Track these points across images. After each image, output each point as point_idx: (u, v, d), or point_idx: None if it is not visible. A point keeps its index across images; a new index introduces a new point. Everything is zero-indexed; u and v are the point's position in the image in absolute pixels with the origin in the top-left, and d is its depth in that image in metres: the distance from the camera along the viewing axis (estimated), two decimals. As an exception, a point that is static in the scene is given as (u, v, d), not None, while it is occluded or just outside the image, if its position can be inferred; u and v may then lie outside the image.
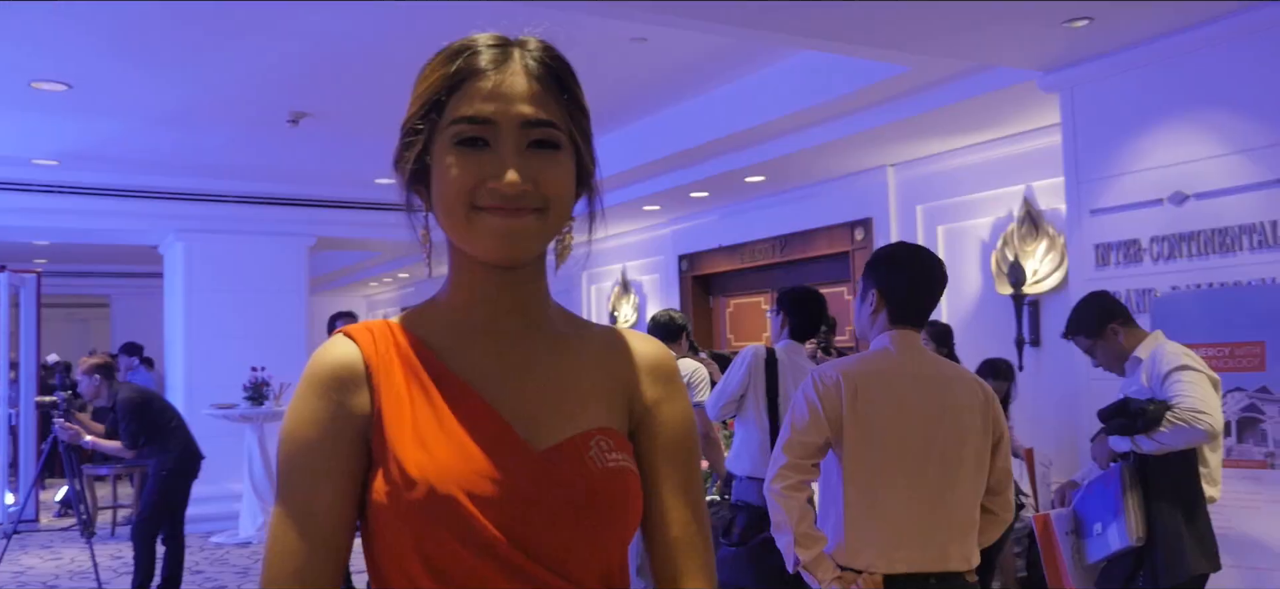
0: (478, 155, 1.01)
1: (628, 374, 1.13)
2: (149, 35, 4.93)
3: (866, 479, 2.37)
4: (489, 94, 1.01)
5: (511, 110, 1.01)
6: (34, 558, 7.81)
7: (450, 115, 1.02)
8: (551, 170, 1.03)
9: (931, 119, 5.61)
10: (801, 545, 2.37)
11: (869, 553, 2.35)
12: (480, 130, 1.01)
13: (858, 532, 2.36)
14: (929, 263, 2.52)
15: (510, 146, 1.01)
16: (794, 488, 2.40)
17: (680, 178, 7.33)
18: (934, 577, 2.34)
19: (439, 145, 1.03)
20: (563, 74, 1.06)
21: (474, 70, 1.02)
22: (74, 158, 7.43)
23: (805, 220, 7.61)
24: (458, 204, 1.02)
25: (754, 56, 5.57)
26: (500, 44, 1.04)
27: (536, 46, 1.06)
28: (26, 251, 11.68)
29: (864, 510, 2.36)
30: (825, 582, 2.35)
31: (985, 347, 6.18)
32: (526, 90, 1.02)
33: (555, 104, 1.04)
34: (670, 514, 1.11)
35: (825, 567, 2.35)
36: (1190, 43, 4.21)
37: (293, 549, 0.99)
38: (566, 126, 1.05)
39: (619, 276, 9.99)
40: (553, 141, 1.03)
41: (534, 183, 1.01)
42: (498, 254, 1.04)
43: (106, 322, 15.69)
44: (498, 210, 1.01)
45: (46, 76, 5.47)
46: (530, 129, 1.02)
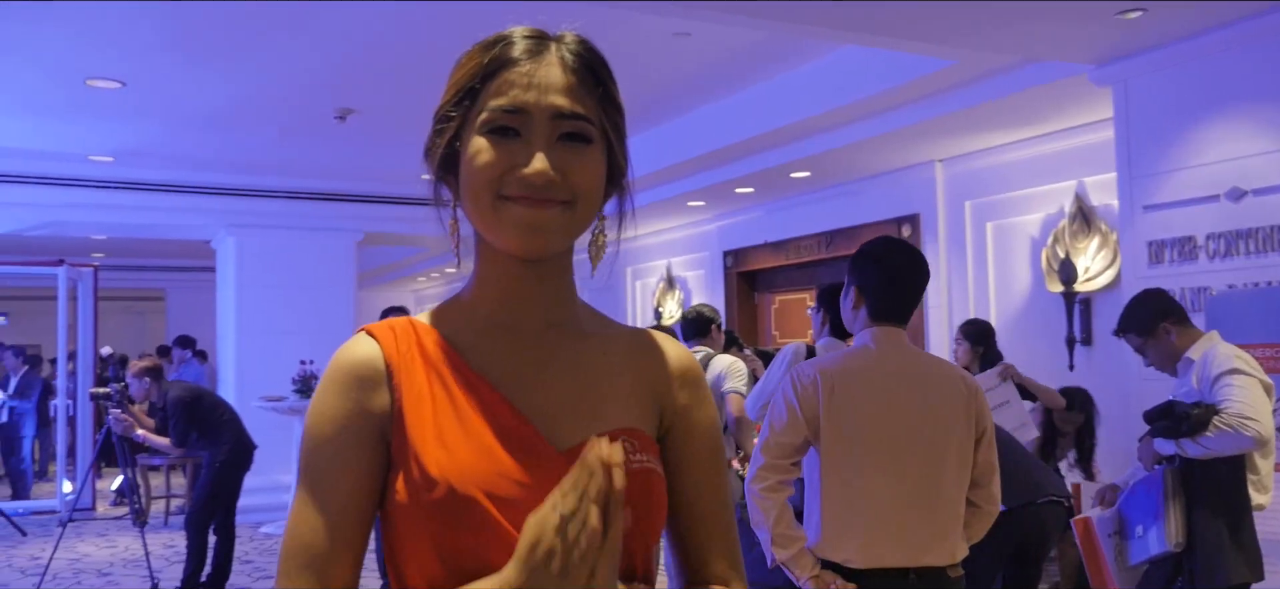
0: (508, 144, 1.00)
1: (657, 377, 1.12)
2: (199, 34, 5.00)
3: (845, 475, 2.39)
4: (523, 83, 1.01)
5: (544, 100, 1.01)
6: (89, 545, 7.99)
7: (483, 103, 1.02)
8: (581, 164, 1.02)
9: (980, 113, 5.52)
10: (779, 544, 2.40)
11: (848, 548, 2.37)
12: (512, 119, 1.00)
13: (837, 527, 2.38)
14: (907, 259, 2.52)
15: (541, 137, 1.00)
16: (772, 489, 2.42)
17: (725, 173, 7.30)
18: (913, 572, 2.36)
19: (470, 132, 1.03)
20: (598, 69, 1.05)
21: (509, 60, 1.02)
22: (129, 154, 7.58)
23: (851, 216, 7.54)
24: (484, 191, 1.01)
25: (798, 51, 5.52)
26: (537, 36, 1.04)
27: (573, 40, 1.05)
28: (85, 245, 11.93)
29: (843, 506, 2.38)
30: (803, 578, 2.37)
31: (1034, 345, 6.09)
32: (561, 82, 1.02)
33: (589, 98, 1.03)
34: (701, 518, 1.11)
35: (803, 563, 2.38)
36: (1248, 33, 4.09)
37: (307, 544, 0.98)
38: (599, 121, 1.04)
39: (664, 272, 9.97)
40: (584, 135, 1.02)
41: (562, 175, 1.00)
42: (522, 245, 1.02)
43: (162, 315, 16.02)
44: (524, 200, 1.00)
45: (101, 74, 5.58)
46: (562, 121, 1.01)
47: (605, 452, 0.88)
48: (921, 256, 2.57)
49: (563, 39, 1.05)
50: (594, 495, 0.87)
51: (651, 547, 1.05)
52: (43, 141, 7.11)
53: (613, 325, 1.16)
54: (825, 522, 2.40)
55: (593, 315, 1.15)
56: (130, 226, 9.37)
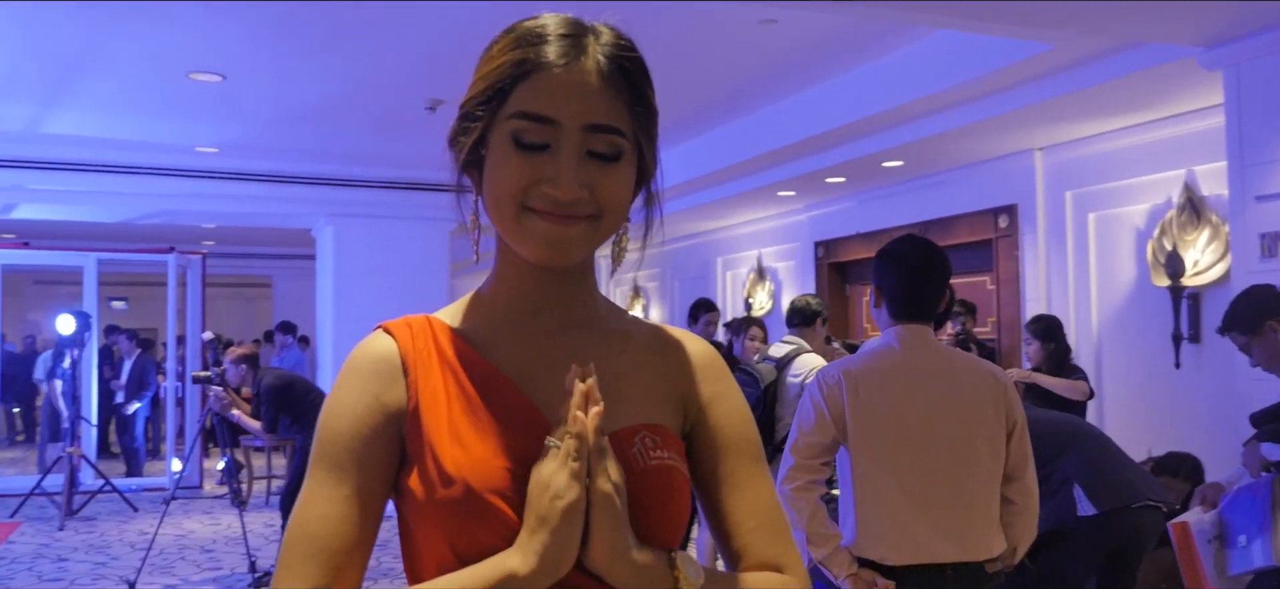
0: (535, 157, 0.97)
1: (680, 373, 1.10)
2: (293, 29, 5.12)
3: (874, 473, 2.42)
4: (554, 92, 0.97)
5: (576, 113, 0.97)
6: (195, 522, 8.31)
7: (512, 107, 0.98)
8: (610, 180, 0.99)
9: (1082, 99, 5.30)
10: (815, 543, 2.43)
11: (883, 546, 2.40)
12: (541, 132, 0.97)
13: (871, 525, 2.42)
14: (924, 258, 2.54)
15: (570, 151, 0.97)
16: (803, 489, 2.46)
17: (815, 163, 7.17)
18: (950, 567, 2.38)
19: (497, 136, 0.99)
20: (634, 74, 1.01)
21: (542, 63, 0.97)
22: (232, 145, 7.83)
23: (945, 207, 7.34)
24: (509, 202, 0.99)
25: (889, 37, 5.38)
26: (572, 35, 0.99)
27: (609, 40, 1.00)
28: (196, 234, 12.42)
29: (876, 504, 2.41)
30: (841, 577, 2.40)
31: (1138, 342, 5.84)
32: (594, 92, 0.97)
33: (623, 108, 0.99)
34: (742, 506, 1.07)
35: (840, 562, 2.41)
36: (1374, 12, 3.83)
37: (314, 534, 0.97)
38: (632, 131, 1.00)
39: (754, 263, 9.88)
40: (615, 150, 0.99)
41: (590, 191, 0.98)
42: (544, 258, 1.01)
43: (269, 301, 16.56)
44: (549, 216, 0.98)
45: (202, 68, 5.77)
46: (594, 135, 0.97)
47: (577, 368, 0.95)
48: (941, 254, 2.59)
49: (599, 36, 1.00)
50: (576, 402, 0.93)
51: (673, 545, 1.02)
52: (151, 134, 7.39)
53: (633, 322, 1.14)
54: (860, 520, 2.43)
55: (614, 311, 1.14)
56: (236, 215, 9.70)
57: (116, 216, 9.98)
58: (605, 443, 0.94)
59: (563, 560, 0.93)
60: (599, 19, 1.05)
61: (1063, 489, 3.60)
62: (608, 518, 0.93)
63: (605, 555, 0.94)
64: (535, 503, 0.93)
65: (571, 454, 0.93)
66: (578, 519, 0.93)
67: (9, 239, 11.51)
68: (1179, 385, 5.59)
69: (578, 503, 0.93)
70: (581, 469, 0.93)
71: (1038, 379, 5.21)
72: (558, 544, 0.92)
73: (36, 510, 8.82)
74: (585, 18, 1.04)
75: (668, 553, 1.00)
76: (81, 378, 9.58)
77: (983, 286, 7.13)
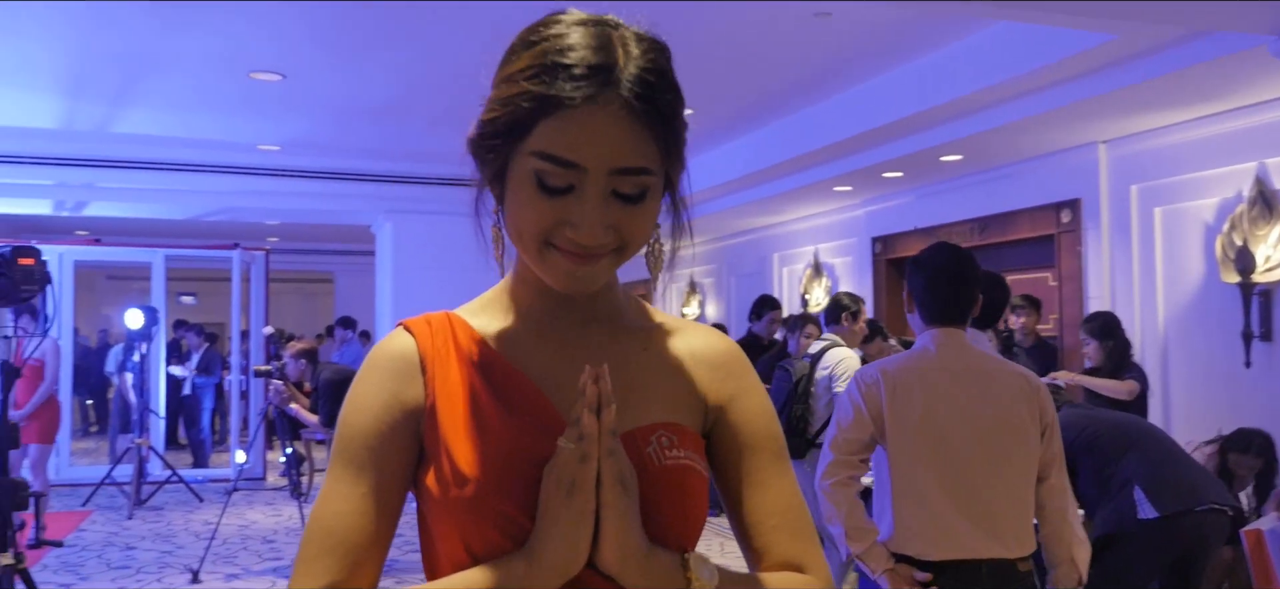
0: (558, 200, 0.93)
1: (700, 370, 1.09)
2: (352, 27, 5.19)
3: (911, 471, 2.49)
4: (579, 134, 0.91)
5: (602, 157, 0.92)
6: (257, 513, 8.48)
7: (535, 144, 0.92)
8: (636, 218, 0.96)
9: (1148, 90, 5.15)
10: (853, 538, 2.51)
11: (918, 542, 2.47)
12: (565, 175, 0.92)
13: (908, 521, 2.49)
14: (950, 264, 2.62)
15: (595, 196, 0.93)
16: (842, 484, 2.55)
17: (871, 157, 7.08)
18: (985, 564, 2.44)
19: (518, 169, 0.94)
20: (663, 100, 0.94)
21: (566, 100, 0.91)
22: (293, 143, 7.97)
23: (1006, 202, 7.19)
24: (530, 239, 0.97)
25: (947, 28, 5.29)
26: (598, 66, 0.91)
27: (638, 62, 0.93)
28: (259, 230, 12.66)
29: (912, 501, 2.49)
30: (878, 571, 2.48)
31: (1206, 340, 5.68)
32: (621, 133, 0.91)
33: (651, 142, 0.93)
34: (764, 505, 1.06)
35: (877, 556, 2.49)
36: None
37: (330, 529, 0.98)
38: (660, 165, 0.95)
39: (811, 259, 9.79)
40: (641, 189, 0.94)
41: (615, 230, 0.95)
42: (566, 288, 0.99)
43: (331, 296, 16.85)
44: (571, 255, 0.96)
45: (262, 67, 5.87)
46: (619, 177, 0.93)
47: (591, 368, 0.92)
48: (970, 260, 2.68)
49: (628, 54, 0.93)
50: (588, 403, 0.92)
51: (689, 546, 1.01)
52: (215, 133, 7.55)
53: (656, 318, 1.13)
54: (897, 516, 2.51)
55: (638, 309, 1.13)
56: (298, 212, 9.87)
57: (183, 214, 10.22)
58: (616, 444, 0.93)
59: (572, 562, 0.93)
60: (631, 20, 1.00)
61: (1124, 491, 3.51)
62: (618, 519, 0.93)
63: (616, 556, 0.93)
64: (546, 504, 0.93)
65: (582, 456, 0.92)
66: (587, 521, 0.92)
67: (82, 236, 11.85)
68: (1249, 385, 5.42)
69: (587, 505, 0.92)
70: (592, 471, 0.92)
71: (1081, 380, 5.09)
72: (567, 545, 0.92)
73: (107, 499, 9.07)
74: (615, 15, 0.99)
75: (681, 553, 0.98)
76: (150, 371, 9.83)
77: (1044, 283, 6.99)
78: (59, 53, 5.67)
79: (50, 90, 6.40)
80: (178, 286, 15.73)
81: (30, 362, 6.54)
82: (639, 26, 0.99)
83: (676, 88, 0.97)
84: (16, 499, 3.65)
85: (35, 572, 6.26)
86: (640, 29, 0.98)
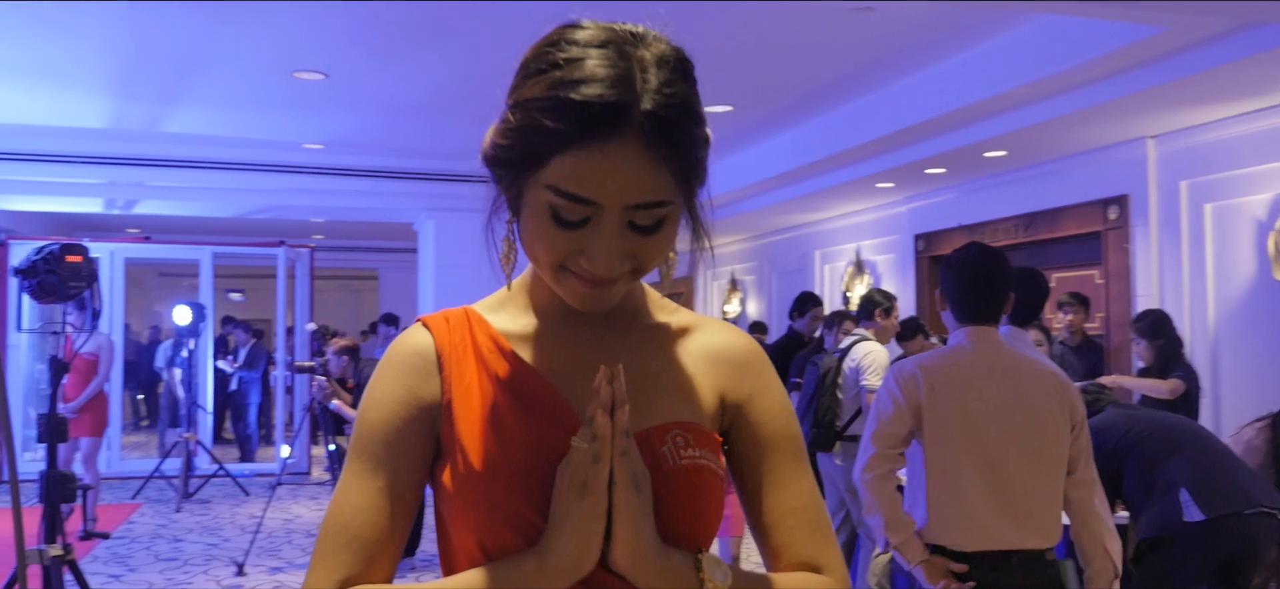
0: (573, 232, 0.92)
1: (718, 368, 1.08)
2: (394, 26, 5.23)
3: (947, 465, 2.57)
4: (595, 171, 0.88)
5: (618, 194, 0.89)
6: (302, 507, 8.59)
7: (549, 178, 0.89)
8: (652, 246, 0.94)
9: (1198, 84, 5.04)
10: (892, 529, 2.59)
11: (951, 533, 2.55)
12: (581, 210, 0.90)
13: (942, 513, 2.57)
14: (981, 262, 2.70)
15: (611, 230, 0.91)
16: (883, 477, 2.62)
17: (914, 154, 7.00)
18: (1016, 554, 2.53)
19: (533, 197, 0.92)
20: (682, 126, 0.90)
21: (581, 138, 0.87)
22: (337, 142, 8.06)
23: (1051, 198, 7.08)
24: (546, 265, 0.96)
25: (991, 23, 5.21)
26: (613, 105, 0.87)
27: (656, 94, 0.88)
28: (305, 228, 12.83)
29: (947, 493, 2.57)
30: (914, 562, 2.56)
31: (1258, 340, 5.55)
32: (638, 170, 0.88)
33: (669, 174, 0.90)
34: (781, 504, 1.05)
35: (914, 548, 2.57)
36: None
37: (347, 524, 0.98)
38: (678, 193, 0.93)
39: (853, 256, 9.72)
40: (659, 220, 0.93)
41: (631, 257, 0.94)
42: (581, 308, 0.99)
43: (375, 293, 17.02)
44: (587, 281, 0.95)
45: (306, 67, 5.94)
46: (636, 210, 0.91)
47: (606, 368, 0.92)
48: (1000, 257, 2.75)
49: (646, 85, 0.89)
50: (602, 403, 0.91)
51: (704, 546, 1.00)
52: (259, 131, 7.66)
53: (677, 314, 1.12)
54: (930, 509, 2.59)
55: (659, 305, 1.11)
56: (342, 210, 9.99)
57: (230, 212, 10.38)
58: (629, 444, 0.93)
59: (583, 562, 0.92)
60: (654, 22, 0.97)
61: (1169, 493, 3.43)
62: (630, 519, 0.92)
63: (628, 556, 0.93)
64: (558, 503, 0.93)
65: (595, 456, 0.91)
66: (598, 521, 0.92)
67: (132, 234, 12.08)
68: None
69: (599, 505, 0.92)
70: (604, 471, 0.91)
71: (1124, 382, 4.99)
72: (578, 546, 0.92)
73: (156, 492, 9.25)
74: (636, 25, 0.95)
75: (695, 554, 0.98)
76: (197, 366, 9.99)
77: (1091, 281, 6.87)
78: (108, 53, 5.78)
79: (100, 90, 6.52)
80: (226, 283, 15.99)
81: (80, 357, 6.67)
82: (661, 36, 0.95)
83: (696, 113, 0.93)
84: (65, 492, 3.72)
85: (86, 562, 6.40)
86: (662, 44, 0.94)
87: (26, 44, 5.56)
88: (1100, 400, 3.98)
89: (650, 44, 0.93)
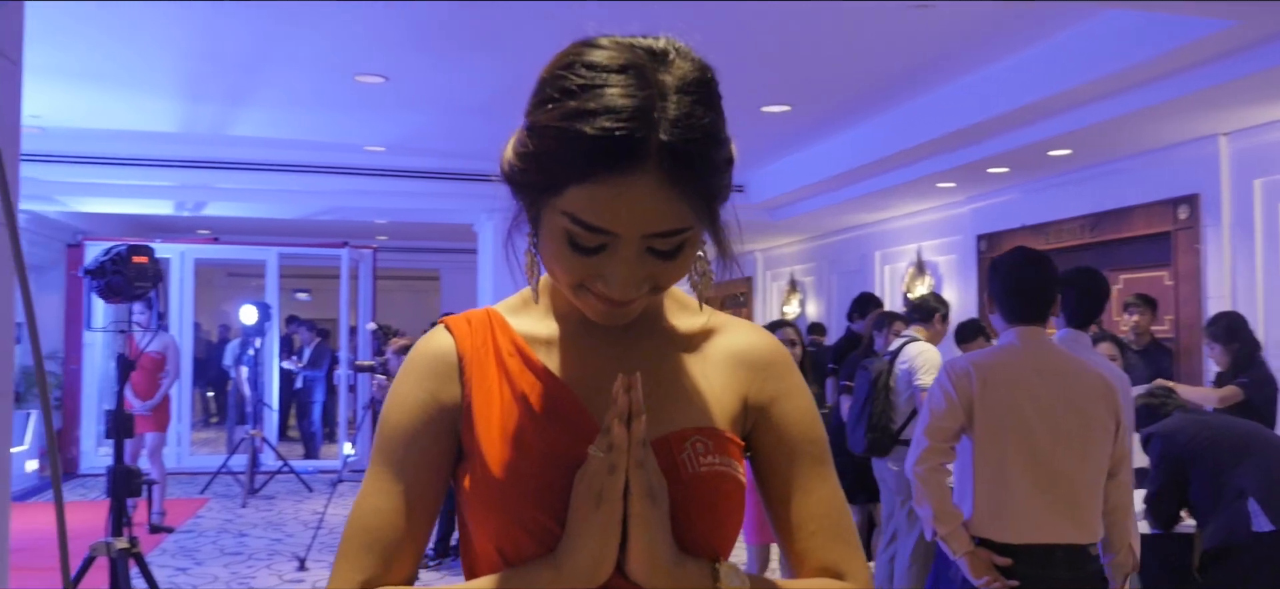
0: (589, 258, 0.91)
1: (740, 371, 1.06)
2: (452, 29, 5.28)
3: (996, 459, 2.65)
4: (611, 203, 0.86)
5: (635, 224, 0.87)
6: (363, 505, 8.71)
7: (566, 205, 0.88)
8: (670, 270, 0.93)
9: (1273, 79, 4.87)
10: (940, 520, 2.68)
11: (998, 526, 2.64)
12: (597, 238, 0.89)
13: (989, 507, 2.65)
14: (1027, 266, 2.80)
15: (629, 257, 0.90)
16: (935, 470, 2.71)
17: (976, 152, 6.88)
18: (1061, 548, 2.61)
19: (550, 221, 0.91)
20: (702, 158, 0.87)
21: (597, 169, 0.85)
22: (397, 144, 8.17)
23: (1118, 197, 6.91)
24: (564, 284, 0.96)
25: (1054, 17, 5.09)
26: (628, 138, 0.84)
27: (675, 123, 0.85)
28: (368, 229, 13.02)
29: (994, 487, 2.65)
30: (960, 553, 2.65)
31: (1337, 342, 5.34)
32: (656, 200, 0.86)
33: (687, 202, 0.88)
34: (804, 509, 1.03)
35: (961, 539, 2.66)
36: None
37: (370, 526, 0.99)
38: (697, 218, 0.90)
39: (914, 257, 9.59)
40: (677, 246, 0.91)
41: (650, 280, 0.93)
42: (601, 322, 0.99)
43: (437, 293, 17.22)
44: (605, 301, 0.94)
45: (366, 70, 6.02)
46: (654, 238, 0.89)
47: (623, 377, 0.91)
48: (1046, 261, 2.85)
49: (664, 113, 0.85)
50: (618, 412, 0.90)
51: (723, 556, 0.99)
52: (322, 134, 7.79)
53: (701, 315, 1.10)
54: (978, 502, 2.67)
55: (681, 304, 1.10)
56: (403, 211, 10.12)
57: (295, 213, 10.58)
58: (646, 454, 0.92)
59: (598, 571, 0.92)
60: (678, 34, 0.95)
61: (1238, 502, 3.32)
62: (645, 529, 0.91)
63: (643, 565, 0.92)
64: (574, 512, 0.93)
65: (610, 466, 0.90)
66: (614, 531, 0.91)
67: (203, 235, 12.38)
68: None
69: (614, 515, 0.91)
70: (619, 481, 0.91)
71: (1176, 390, 4.81)
72: (593, 555, 0.91)
73: (223, 488, 9.46)
74: (659, 39, 0.93)
75: (712, 562, 0.97)
76: (263, 365, 10.20)
77: (1160, 282, 6.69)
78: (176, 57, 5.92)
79: (169, 94, 6.69)
80: (293, 283, 16.31)
81: (146, 355, 6.85)
82: (685, 50, 0.92)
83: (717, 137, 0.89)
84: (131, 486, 3.82)
85: (155, 555, 6.57)
86: (685, 63, 0.90)
87: (99, 51, 5.72)
88: (1167, 404, 3.87)
89: (672, 66, 0.89)
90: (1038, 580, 2.60)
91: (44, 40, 5.39)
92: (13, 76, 2.40)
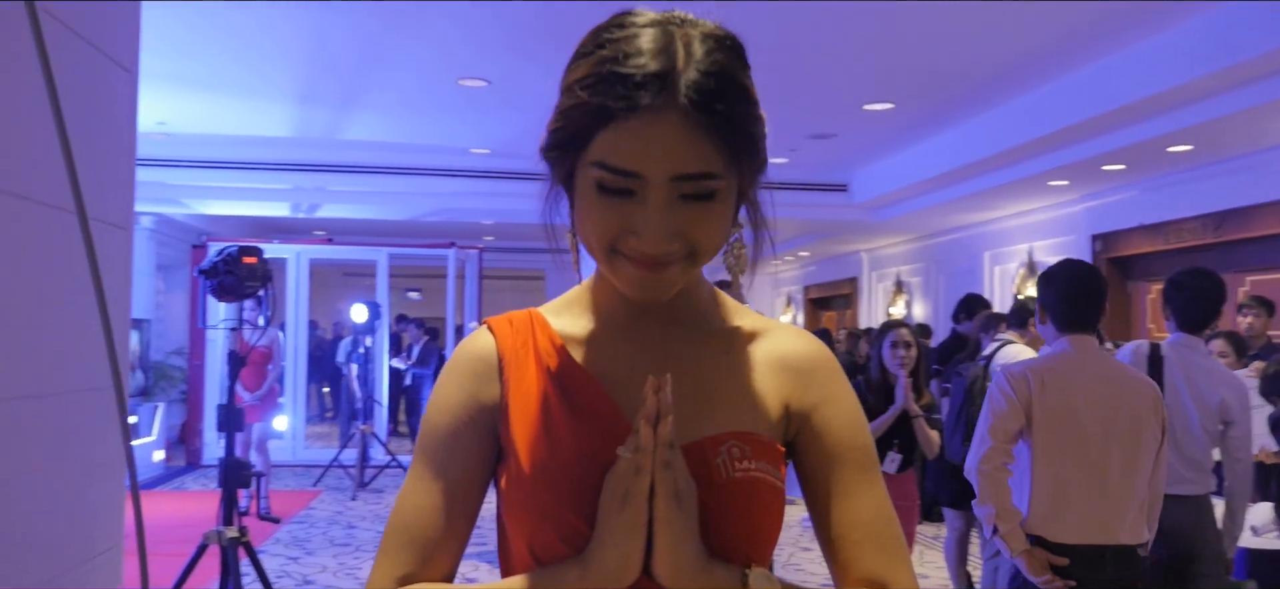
0: (620, 204, 0.91)
1: (782, 376, 1.04)
2: (550, 31, 5.34)
3: (1054, 461, 2.74)
4: (636, 143, 0.88)
5: (662, 165, 0.88)
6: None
7: (594, 155, 0.90)
8: (703, 221, 0.92)
9: None
10: (1001, 518, 2.76)
11: (1052, 525, 2.73)
12: (625, 182, 0.90)
13: (1045, 507, 2.75)
14: (1078, 277, 2.89)
15: (657, 202, 0.90)
16: (998, 469, 2.78)
17: (1090, 148, 6.63)
18: (1111, 549, 2.71)
19: (582, 179, 0.93)
20: (725, 102, 0.89)
21: (621, 111, 0.88)
22: (502, 147, 8.31)
23: (1244, 195, 6.57)
24: (597, 248, 0.95)
25: (1173, 8, 4.88)
26: (653, 75, 0.87)
27: (700, 62, 0.89)
28: (476, 230, 13.28)
29: (1052, 488, 2.74)
30: (1017, 551, 2.73)
31: None
32: (681, 140, 0.88)
33: (714, 147, 0.89)
34: (847, 518, 1.00)
35: (1019, 538, 2.74)
36: None
37: (410, 524, 1.00)
38: (726, 166, 0.91)
39: (1025, 257, 9.30)
40: (707, 191, 0.91)
41: (682, 236, 0.92)
42: (638, 297, 0.97)
43: (542, 293, 17.48)
44: (639, 263, 0.93)
45: (469, 74, 6.15)
46: (682, 182, 0.90)
47: (653, 379, 0.90)
48: (1095, 272, 2.96)
49: (690, 56, 0.89)
50: (647, 414, 0.90)
51: (759, 563, 0.97)
52: (429, 137, 7.98)
53: (746, 318, 1.08)
54: (1034, 502, 2.76)
55: (724, 309, 1.08)
56: (508, 212, 10.30)
57: (404, 214, 10.86)
58: (673, 456, 0.90)
59: (624, 574, 0.91)
60: (707, 14, 0.96)
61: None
62: (670, 533, 0.90)
63: (669, 569, 0.91)
64: (602, 513, 0.92)
65: (636, 468, 0.90)
66: (639, 533, 0.90)
67: (318, 236, 12.81)
68: None
69: (639, 517, 0.90)
70: (644, 482, 0.90)
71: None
72: (618, 557, 0.91)
73: (335, 481, 9.76)
74: (686, 12, 0.95)
75: (743, 568, 0.95)
76: (374, 362, 10.49)
77: (1289, 284, 6.34)
78: (288, 65, 6.15)
79: (283, 100, 6.95)
80: (403, 283, 16.75)
81: (256, 350, 7.12)
82: (712, 22, 0.94)
83: (743, 87, 0.91)
84: (241, 478, 3.98)
85: (268, 544, 6.82)
86: (711, 25, 0.93)
87: (217, 62, 5.98)
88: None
89: (699, 24, 0.93)
90: (1088, 580, 2.69)
91: (168, 51, 5.66)
92: (129, 85, 2.50)
